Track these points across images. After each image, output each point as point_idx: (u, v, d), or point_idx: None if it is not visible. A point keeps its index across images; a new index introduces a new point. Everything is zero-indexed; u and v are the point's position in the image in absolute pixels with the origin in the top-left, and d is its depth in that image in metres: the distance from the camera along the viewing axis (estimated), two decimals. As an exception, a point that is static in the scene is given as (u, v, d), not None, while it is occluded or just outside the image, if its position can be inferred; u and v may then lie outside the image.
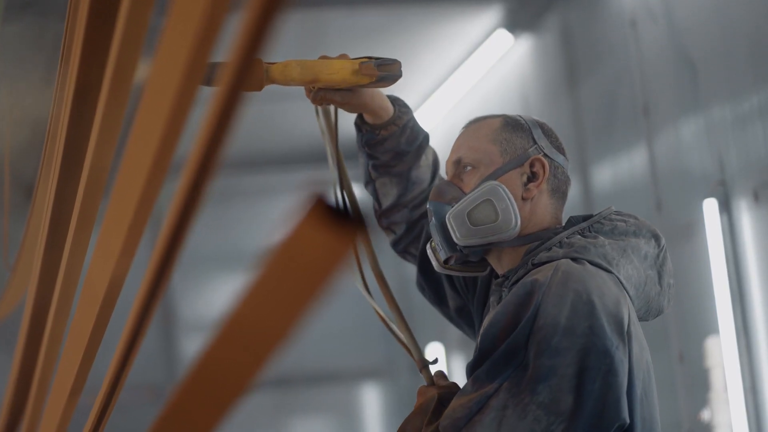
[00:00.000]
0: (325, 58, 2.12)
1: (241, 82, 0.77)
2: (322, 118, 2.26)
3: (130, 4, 1.00)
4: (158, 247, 0.92)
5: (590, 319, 1.89)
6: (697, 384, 4.05)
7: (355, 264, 2.20)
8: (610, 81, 4.67)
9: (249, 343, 0.79)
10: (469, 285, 2.23)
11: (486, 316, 2.09)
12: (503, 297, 2.05)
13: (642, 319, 2.06)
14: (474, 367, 1.93)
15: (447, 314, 2.32)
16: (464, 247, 2.06)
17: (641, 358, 1.94)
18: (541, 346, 1.88)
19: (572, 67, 5.01)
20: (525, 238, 2.05)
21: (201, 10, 0.79)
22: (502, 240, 2.04)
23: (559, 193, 2.10)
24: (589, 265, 1.97)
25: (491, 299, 2.10)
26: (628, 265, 2.01)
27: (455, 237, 2.05)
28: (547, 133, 2.12)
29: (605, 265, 1.98)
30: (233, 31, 0.78)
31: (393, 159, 2.27)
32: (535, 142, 2.10)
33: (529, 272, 1.99)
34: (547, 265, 1.97)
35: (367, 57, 2.12)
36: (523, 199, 2.06)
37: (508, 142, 2.09)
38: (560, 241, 2.02)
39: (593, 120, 4.85)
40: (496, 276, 2.11)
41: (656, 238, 2.06)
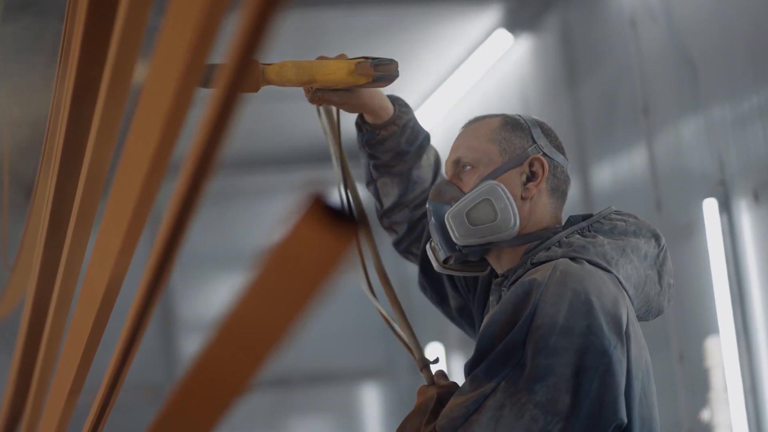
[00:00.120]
0: (323, 59, 2.12)
1: (238, 83, 0.77)
2: (324, 118, 2.26)
3: (129, 4, 1.00)
4: (157, 246, 0.92)
5: (588, 318, 1.89)
6: (697, 384, 4.05)
7: (359, 263, 2.21)
8: (610, 81, 4.67)
9: (247, 342, 0.79)
10: (470, 285, 2.23)
11: (486, 315, 2.09)
12: (502, 296, 2.05)
13: (642, 319, 2.06)
14: (472, 367, 1.93)
15: (449, 314, 2.32)
16: (463, 246, 2.06)
17: (640, 358, 1.94)
18: (539, 345, 1.88)
19: (572, 67, 5.01)
20: (524, 238, 2.05)
21: (198, 11, 0.79)
22: (501, 239, 2.04)
23: (558, 192, 2.10)
24: (587, 264, 1.96)
25: (491, 299, 2.10)
26: (628, 264, 2.00)
27: (454, 237, 2.05)
28: (547, 133, 2.12)
29: (604, 264, 1.98)
30: (230, 33, 0.78)
31: (393, 159, 2.27)
32: (535, 142, 2.10)
33: (528, 271, 1.98)
34: (545, 264, 1.97)
35: (363, 57, 2.12)
36: (522, 198, 2.06)
37: (508, 141, 2.09)
38: (559, 241, 2.01)
39: (593, 120, 4.85)
40: (496, 276, 2.11)
41: (656, 238, 2.06)
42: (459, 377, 1.98)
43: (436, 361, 2.14)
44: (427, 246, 2.15)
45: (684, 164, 4.12)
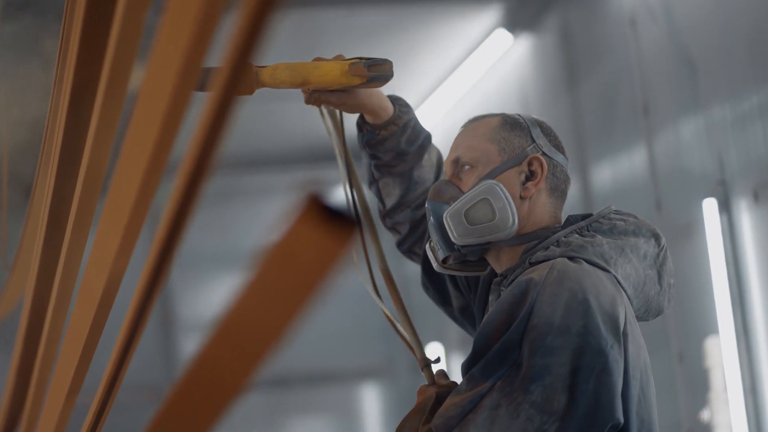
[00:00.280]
0: (319, 60, 2.12)
1: (233, 86, 0.76)
2: (327, 119, 2.26)
3: (127, 3, 0.99)
4: (155, 246, 0.92)
5: (585, 318, 1.88)
6: (696, 384, 4.05)
7: (365, 261, 2.21)
8: (609, 80, 4.66)
9: (245, 342, 0.79)
10: (472, 284, 2.23)
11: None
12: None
13: (642, 319, 2.06)
14: (468, 366, 1.93)
15: (451, 314, 2.31)
16: (462, 246, 2.05)
17: (638, 358, 1.94)
18: (535, 345, 1.87)
19: (572, 67, 5.01)
20: (523, 237, 2.05)
21: (195, 11, 0.79)
22: (500, 239, 2.04)
23: (558, 192, 2.10)
24: (585, 264, 1.96)
25: (490, 298, 2.10)
26: (627, 264, 2.00)
27: (452, 236, 2.05)
28: (546, 132, 2.12)
29: (602, 264, 1.97)
30: (226, 35, 0.77)
31: (394, 159, 2.26)
32: (534, 141, 2.09)
33: (525, 271, 1.98)
34: (542, 264, 1.97)
35: (358, 58, 2.12)
36: (521, 198, 2.05)
37: (507, 140, 2.08)
38: (558, 240, 2.01)
39: (593, 119, 4.85)
40: (496, 275, 2.11)
41: (656, 238, 2.06)
42: (459, 377, 1.98)
43: (437, 360, 2.14)
44: (427, 246, 2.15)
45: (684, 164, 4.12)
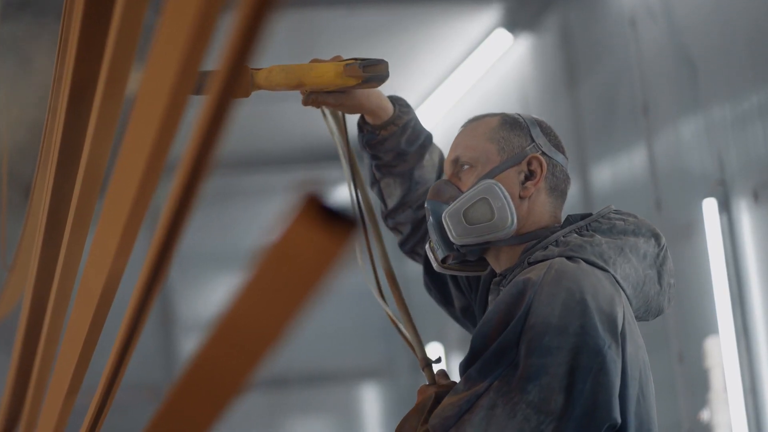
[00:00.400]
0: (316, 61, 2.12)
1: (230, 89, 0.76)
2: (330, 119, 2.26)
3: (125, 3, 0.99)
4: (154, 245, 0.92)
5: (582, 318, 1.88)
6: (696, 384, 4.05)
7: (369, 261, 2.20)
8: (609, 80, 4.66)
9: (244, 342, 0.79)
10: (473, 284, 2.23)
11: (484, 315, 2.09)
12: (500, 296, 2.05)
13: (642, 318, 2.05)
14: (466, 366, 1.93)
15: (453, 314, 2.31)
16: (461, 246, 2.05)
17: (636, 358, 1.93)
18: (532, 344, 1.87)
19: (572, 67, 5.01)
20: (522, 237, 2.05)
21: (193, 12, 0.79)
22: (499, 239, 2.04)
23: (557, 191, 2.10)
24: (584, 263, 1.96)
25: (490, 298, 2.10)
26: (626, 264, 2.00)
27: (451, 236, 2.05)
28: (546, 132, 2.12)
29: (601, 263, 1.97)
30: (223, 37, 0.77)
31: (395, 159, 2.26)
32: (533, 141, 2.09)
33: (523, 271, 1.98)
34: (540, 263, 1.96)
35: (353, 58, 2.12)
36: (520, 197, 2.05)
37: (506, 140, 2.08)
38: (556, 240, 2.01)
39: (593, 119, 4.84)
40: (495, 275, 2.10)
41: (656, 238, 2.05)
42: (458, 377, 1.97)
43: (438, 360, 2.14)
44: (427, 245, 2.15)
45: (684, 164, 4.12)
